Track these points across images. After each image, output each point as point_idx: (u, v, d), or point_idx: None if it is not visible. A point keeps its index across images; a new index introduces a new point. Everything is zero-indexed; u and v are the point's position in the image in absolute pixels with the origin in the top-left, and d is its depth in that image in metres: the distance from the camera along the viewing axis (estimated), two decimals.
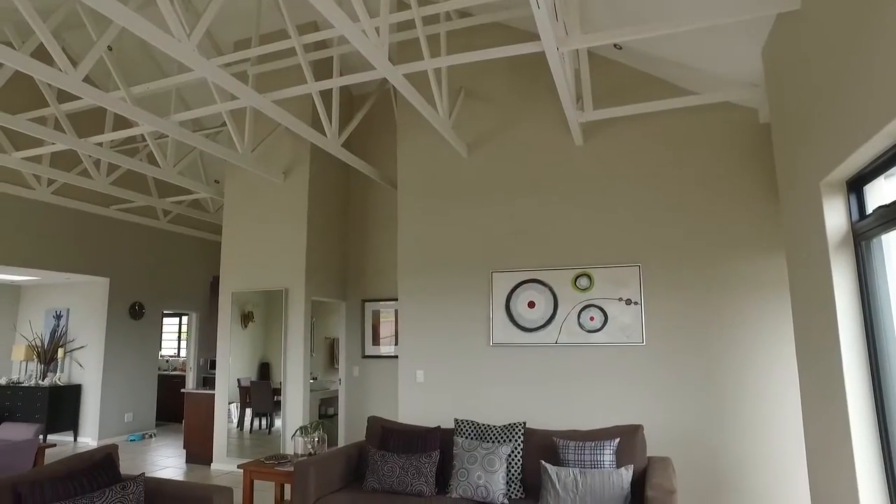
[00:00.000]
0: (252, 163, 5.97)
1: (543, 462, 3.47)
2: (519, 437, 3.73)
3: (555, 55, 3.71)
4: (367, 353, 6.95)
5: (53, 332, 8.80)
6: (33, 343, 8.73)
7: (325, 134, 5.37)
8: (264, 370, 6.76)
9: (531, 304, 5.17)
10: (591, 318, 4.96)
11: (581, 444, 3.54)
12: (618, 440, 3.55)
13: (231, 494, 3.10)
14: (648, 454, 4.53)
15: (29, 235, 7.40)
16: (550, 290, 5.13)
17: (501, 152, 5.51)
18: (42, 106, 7.00)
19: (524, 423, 3.78)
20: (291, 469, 3.88)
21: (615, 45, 4.87)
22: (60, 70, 4.14)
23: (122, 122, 8.09)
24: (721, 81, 4.50)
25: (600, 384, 4.90)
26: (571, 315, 5.03)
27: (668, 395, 4.72)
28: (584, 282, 5.03)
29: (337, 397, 7.20)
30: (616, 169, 5.09)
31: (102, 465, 3.04)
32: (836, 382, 2.72)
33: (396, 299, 6.71)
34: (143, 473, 3.12)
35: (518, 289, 5.24)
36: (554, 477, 3.37)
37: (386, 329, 6.95)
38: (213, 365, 9.78)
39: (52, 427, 7.98)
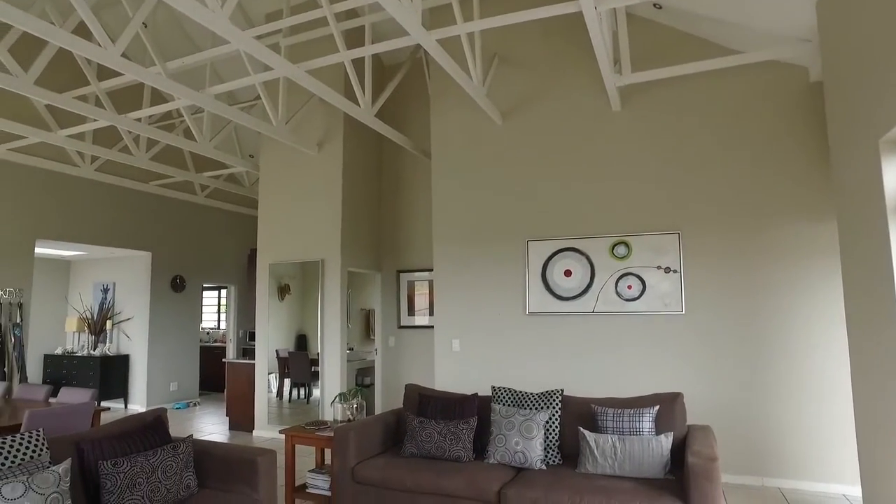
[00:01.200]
0: (286, 135, 6.01)
1: (581, 429, 3.47)
2: (556, 405, 3.73)
3: (592, 14, 3.59)
4: (402, 324, 7.02)
5: (101, 304, 9.14)
6: (84, 315, 9.09)
7: (358, 104, 5.35)
8: (301, 342, 6.90)
9: (568, 273, 5.12)
10: (629, 287, 4.89)
11: (619, 411, 3.52)
12: (657, 407, 3.52)
13: (275, 456, 3.19)
14: (688, 423, 4.48)
15: (75, 212, 7.65)
16: (587, 258, 5.06)
17: (536, 119, 5.41)
18: (83, 85, 7.16)
19: (562, 391, 3.77)
20: (331, 434, 3.96)
21: (654, 5, 4.70)
22: (100, 46, 4.20)
23: (158, 99, 8.22)
24: (768, 39, 4.30)
25: (638, 353, 4.85)
26: (609, 283, 4.96)
27: (707, 364, 4.65)
28: (621, 250, 4.95)
29: (373, 367, 7.32)
30: (655, 134, 4.95)
31: (153, 426, 3.16)
32: (893, 355, 2.62)
33: (431, 269, 6.73)
34: (192, 435, 3.23)
35: (554, 257, 5.19)
36: (592, 443, 3.37)
37: (421, 299, 6.99)
38: (251, 337, 10.04)
39: (104, 394, 8.35)
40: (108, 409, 5.06)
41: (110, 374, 8.49)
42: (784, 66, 4.58)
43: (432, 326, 6.75)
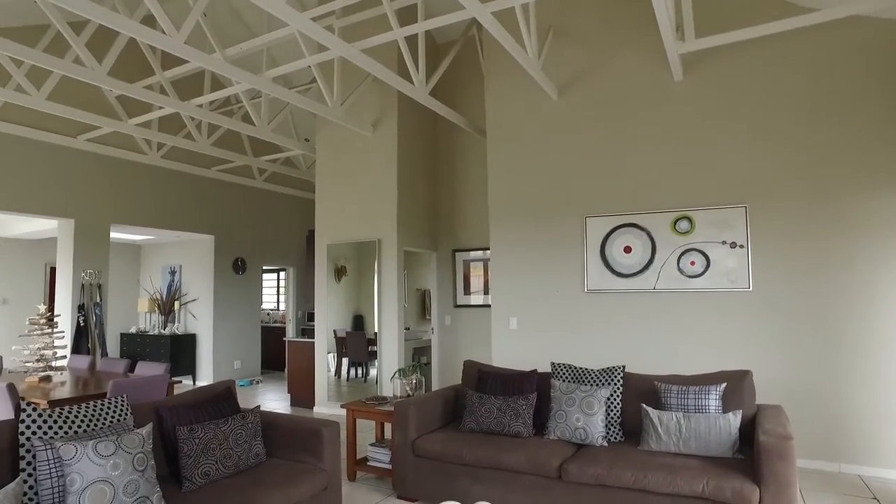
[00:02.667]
0: (342, 116, 6.08)
1: (644, 405, 3.40)
2: (618, 381, 3.66)
3: None
4: (458, 303, 7.05)
5: (169, 286, 9.59)
6: (154, 296, 9.57)
7: (412, 82, 5.34)
8: (358, 322, 7.04)
9: (627, 250, 4.99)
10: (692, 263, 4.73)
11: (684, 388, 3.43)
12: (724, 385, 3.40)
13: (338, 428, 3.27)
14: (757, 403, 4.32)
15: (144, 197, 8.01)
16: (648, 234, 4.92)
17: (593, 92, 5.26)
18: (148, 75, 7.46)
19: (623, 367, 3.70)
20: (392, 409, 4.03)
21: None
22: (165, 34, 4.35)
23: (217, 86, 8.46)
24: None
25: (701, 331, 4.69)
26: (670, 260, 4.81)
27: (777, 343, 4.45)
28: (684, 225, 4.78)
29: (430, 346, 7.39)
30: (719, 103, 4.73)
31: (223, 396, 3.29)
32: None
33: (487, 248, 6.71)
34: (259, 406, 3.35)
35: (613, 233, 5.07)
36: (656, 420, 3.30)
37: (476, 278, 6.99)
38: (310, 317, 10.32)
39: (174, 371, 8.78)
40: (181, 381, 5.33)
41: (179, 352, 8.92)
42: (868, 20, 4.27)
43: (488, 305, 6.74)
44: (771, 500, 2.72)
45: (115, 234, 8.58)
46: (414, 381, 4.18)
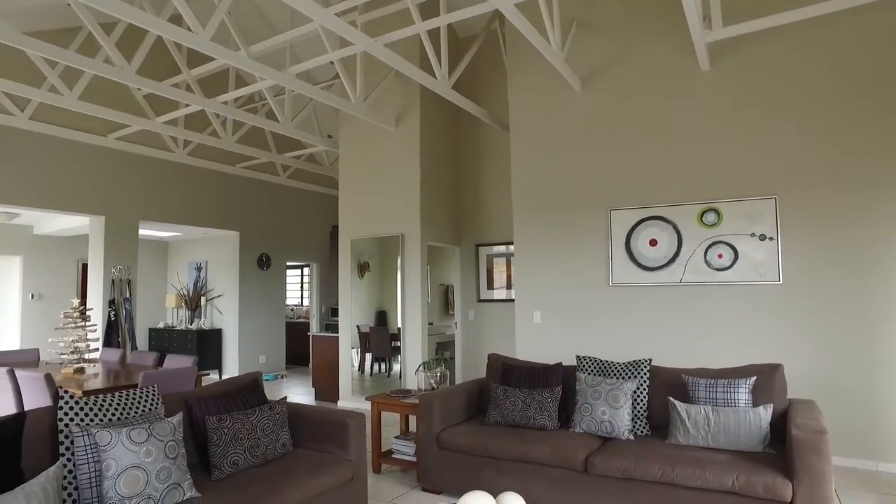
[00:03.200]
0: (365, 111, 6.11)
1: (672, 398, 3.35)
2: (644, 374, 3.62)
3: None
4: (482, 297, 7.04)
5: (196, 282, 9.75)
6: (181, 292, 9.74)
7: (434, 76, 5.34)
8: (381, 318, 7.08)
9: (653, 242, 4.93)
10: (720, 256, 4.65)
11: (713, 381, 3.37)
12: (754, 378, 3.34)
13: (364, 420, 3.29)
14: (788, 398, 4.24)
15: (171, 194, 8.15)
16: (674, 226, 4.85)
17: (617, 84, 5.20)
18: (175, 74, 7.57)
19: (650, 360, 3.66)
20: (416, 402, 4.05)
21: None
22: (192, 31, 4.41)
23: (241, 84, 8.57)
24: None
25: (729, 325, 4.62)
26: (697, 252, 4.74)
27: (809, 338, 4.36)
28: (711, 217, 4.70)
29: (453, 341, 7.40)
30: (747, 92, 4.64)
31: (251, 387, 3.34)
32: None
33: (510, 243, 6.69)
34: (286, 397, 3.38)
35: (639, 226, 5.01)
36: (683, 413, 3.25)
37: (500, 273, 6.97)
38: (333, 313, 10.40)
39: (201, 365, 8.92)
40: (208, 373, 5.42)
41: (206, 347, 9.07)
42: None
43: (512, 300, 6.72)
44: (805, 496, 2.66)
45: (143, 231, 8.75)
46: (438, 374, 4.19)
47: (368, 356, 7.15)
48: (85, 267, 9.42)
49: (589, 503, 3.17)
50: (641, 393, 3.58)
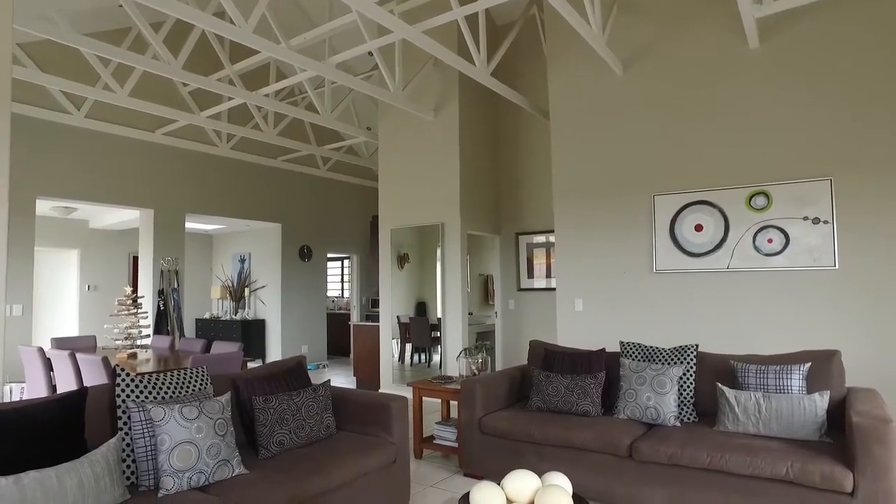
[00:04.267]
0: (403, 101, 6.13)
1: (720, 385, 3.26)
2: (691, 360, 3.53)
3: None
4: (522, 287, 6.99)
5: (240, 273, 10.00)
6: (226, 283, 10.00)
7: (473, 64, 5.31)
8: (421, 309, 7.11)
9: (698, 228, 4.80)
10: (769, 241, 4.49)
11: (763, 367, 3.26)
12: (808, 365, 3.21)
13: (406, 403, 3.31)
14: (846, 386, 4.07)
15: (216, 187, 8.37)
16: (720, 211, 4.71)
17: (661, 65, 5.07)
18: (217, 70, 7.75)
19: (696, 346, 3.56)
20: (458, 387, 4.05)
21: None
22: (235, 25, 4.51)
23: (282, 79, 8.70)
24: None
25: (779, 312, 4.46)
26: (745, 238, 4.59)
27: (866, 324, 4.17)
28: (760, 201, 4.54)
29: (493, 331, 7.38)
30: (800, 69, 4.45)
31: (295, 370, 3.40)
32: None
33: (550, 231, 6.62)
34: (329, 380, 3.43)
35: (683, 212, 4.88)
36: (733, 400, 3.16)
37: (540, 262, 6.91)
38: (373, 304, 10.51)
39: (245, 354, 9.15)
40: (253, 359, 5.56)
41: (250, 336, 9.30)
42: None
43: (552, 289, 6.65)
44: (868, 488, 2.55)
45: (189, 225, 9.01)
46: (480, 361, 4.18)
47: (408, 346, 7.20)
48: (136, 259, 9.76)
49: (633, 489, 3.11)
50: (688, 379, 3.50)
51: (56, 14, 5.40)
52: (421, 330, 7.03)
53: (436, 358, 7.00)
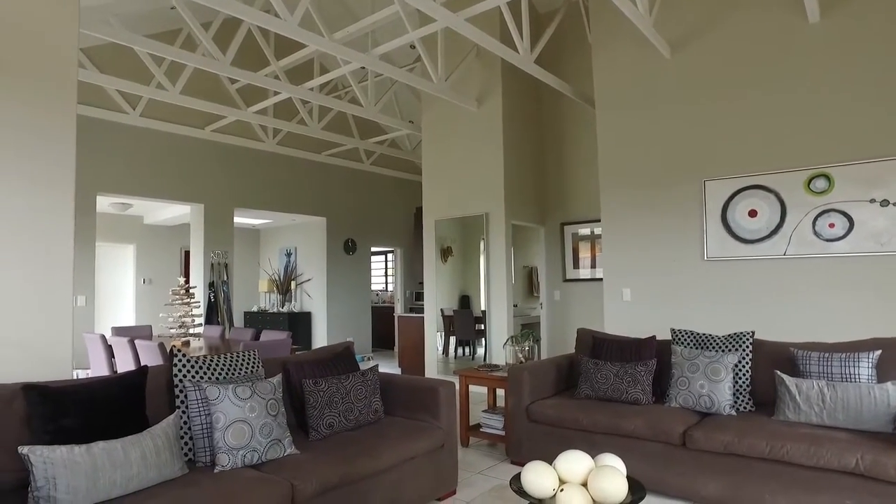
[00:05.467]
0: (447, 91, 6.12)
1: (779, 372, 3.13)
2: (747, 347, 3.40)
3: None
4: (567, 277, 6.89)
5: (286, 267, 10.21)
6: (273, 277, 10.23)
7: (516, 51, 5.26)
8: (464, 302, 7.10)
9: (752, 213, 4.62)
10: (831, 225, 4.28)
11: (827, 355, 3.12)
12: (878, 353, 3.05)
13: (454, 387, 3.31)
14: None
15: (262, 182, 8.57)
16: (776, 195, 4.52)
17: (712, 44, 4.89)
18: (263, 66, 7.92)
19: (752, 333, 3.43)
20: (505, 375, 4.02)
21: None
22: (281, 18, 4.59)
23: (324, 72, 8.83)
24: None
25: (843, 300, 4.24)
26: (804, 223, 4.39)
27: None
28: (820, 183, 4.33)
29: (538, 323, 7.31)
30: (864, 43, 4.22)
31: (343, 355, 3.44)
32: None
33: (596, 221, 6.50)
34: (378, 365, 3.46)
35: (736, 197, 4.71)
36: (793, 388, 3.02)
37: (585, 252, 6.79)
38: (417, 297, 10.57)
39: (293, 343, 9.36)
40: (300, 349, 5.67)
41: (296, 329, 9.49)
42: None
43: (598, 279, 6.53)
44: None
45: (237, 220, 9.26)
46: (527, 348, 4.14)
47: (452, 339, 7.20)
48: (187, 254, 10.09)
49: (686, 478, 3.03)
50: (743, 367, 3.37)
51: (112, 18, 5.63)
52: (465, 322, 7.02)
53: (479, 351, 6.97)
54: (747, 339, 3.42)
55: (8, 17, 2.60)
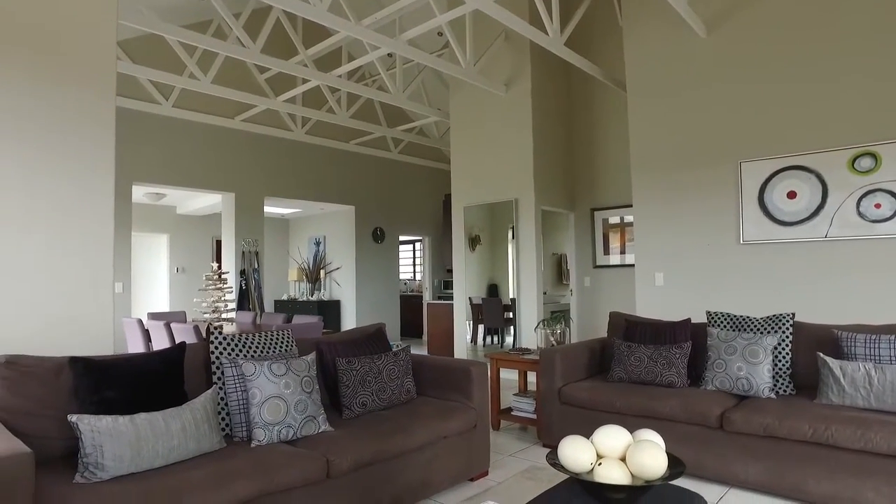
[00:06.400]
0: (475, 76, 6.08)
1: (822, 354, 3.03)
2: (787, 329, 3.31)
3: None
4: (598, 263, 6.81)
5: (315, 256, 10.31)
6: (302, 266, 10.35)
7: (546, 33, 5.18)
8: (492, 291, 7.07)
9: (791, 195, 4.49)
10: (877, 206, 4.13)
11: (874, 337, 3.01)
12: None
13: (486, 367, 3.30)
14: None
15: (291, 171, 8.65)
16: (817, 175, 4.38)
17: (749, 21, 4.75)
18: (292, 55, 7.98)
19: (793, 315, 3.34)
20: (536, 358, 4.00)
21: None
22: (309, 3, 4.60)
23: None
24: None
25: (889, 283, 4.10)
26: (847, 203, 4.24)
27: None
28: (866, 162, 4.18)
29: (567, 310, 7.24)
30: None
31: (375, 336, 3.46)
32: None
33: (626, 206, 6.39)
34: (409, 346, 3.46)
35: (774, 178, 4.58)
36: (837, 371, 2.93)
37: (616, 237, 6.70)
38: (445, 285, 10.58)
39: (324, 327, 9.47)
40: (331, 332, 5.72)
41: (326, 317, 9.57)
42: None
43: (628, 265, 6.44)
44: None
45: (266, 209, 9.37)
46: (559, 332, 4.11)
47: (480, 328, 7.18)
48: (218, 243, 10.27)
49: (724, 461, 2.96)
50: (783, 349, 3.28)
51: (145, 9, 5.72)
52: (493, 310, 6.99)
53: (508, 340, 6.95)
54: (787, 321, 3.32)
55: (57, 5, 2.66)
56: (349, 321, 9.64)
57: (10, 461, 1.57)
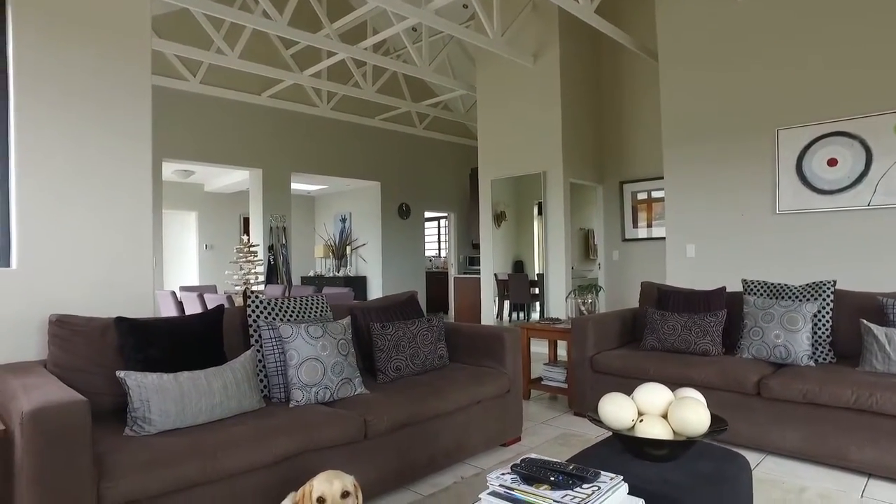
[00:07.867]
0: (503, 47, 5.98)
1: (865, 321, 2.96)
2: (827, 297, 3.23)
3: None
4: (626, 237, 6.72)
5: (341, 232, 10.38)
6: (328, 242, 10.43)
7: (576, 0, 5.06)
8: (518, 267, 7.03)
9: (832, 162, 4.35)
10: None
11: None
12: None
13: (518, 335, 3.29)
14: None
15: (318, 147, 8.68)
16: (861, 141, 4.23)
17: None
18: (317, 29, 7.94)
19: (834, 282, 3.26)
20: (568, 327, 3.98)
21: None
22: None
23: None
24: None
25: None
26: (893, 170, 4.10)
27: None
28: None
29: (595, 285, 7.19)
30: None
31: (408, 303, 3.47)
32: None
33: (656, 178, 6.28)
34: (442, 312, 3.47)
35: (813, 145, 4.44)
36: (882, 338, 2.86)
37: (645, 210, 6.60)
38: (471, 262, 10.57)
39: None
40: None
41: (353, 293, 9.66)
42: None
43: (657, 238, 6.34)
44: None
45: (293, 186, 9.42)
46: (590, 301, 4.08)
47: (506, 304, 7.16)
48: (246, 220, 10.39)
49: (762, 428, 2.93)
50: (823, 316, 3.21)
51: None
52: (520, 286, 6.97)
53: (534, 316, 6.92)
54: (828, 288, 3.24)
55: None
56: (375, 296, 9.71)
57: (71, 407, 1.63)
